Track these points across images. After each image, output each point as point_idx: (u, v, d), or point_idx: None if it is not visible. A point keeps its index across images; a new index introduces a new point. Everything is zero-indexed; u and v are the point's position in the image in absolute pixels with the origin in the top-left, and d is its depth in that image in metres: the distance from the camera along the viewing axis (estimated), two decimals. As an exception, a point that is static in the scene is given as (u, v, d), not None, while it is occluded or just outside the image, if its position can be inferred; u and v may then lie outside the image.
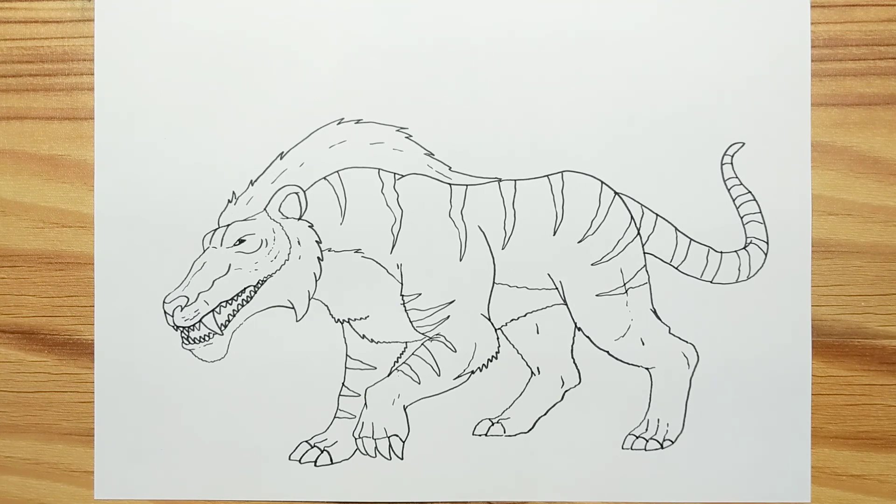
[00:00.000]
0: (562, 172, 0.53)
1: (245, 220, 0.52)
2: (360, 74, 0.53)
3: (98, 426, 0.54)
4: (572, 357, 0.53)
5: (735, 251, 0.52)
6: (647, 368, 0.53)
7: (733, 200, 0.52)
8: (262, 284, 0.52)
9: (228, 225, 0.52)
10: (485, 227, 0.53)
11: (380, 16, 0.53)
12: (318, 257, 0.52)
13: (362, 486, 0.54)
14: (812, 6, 0.52)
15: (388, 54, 0.53)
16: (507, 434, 0.53)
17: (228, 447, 0.53)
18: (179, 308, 0.51)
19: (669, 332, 0.53)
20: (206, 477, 0.54)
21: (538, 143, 0.53)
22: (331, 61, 0.53)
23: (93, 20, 0.54)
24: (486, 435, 0.53)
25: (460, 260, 0.52)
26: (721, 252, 0.52)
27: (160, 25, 0.53)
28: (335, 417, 0.53)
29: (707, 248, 0.53)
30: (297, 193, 0.52)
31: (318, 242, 0.53)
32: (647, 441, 0.53)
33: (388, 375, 0.53)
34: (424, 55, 0.53)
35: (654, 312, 0.53)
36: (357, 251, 0.53)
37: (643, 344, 0.53)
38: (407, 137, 0.53)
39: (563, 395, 0.53)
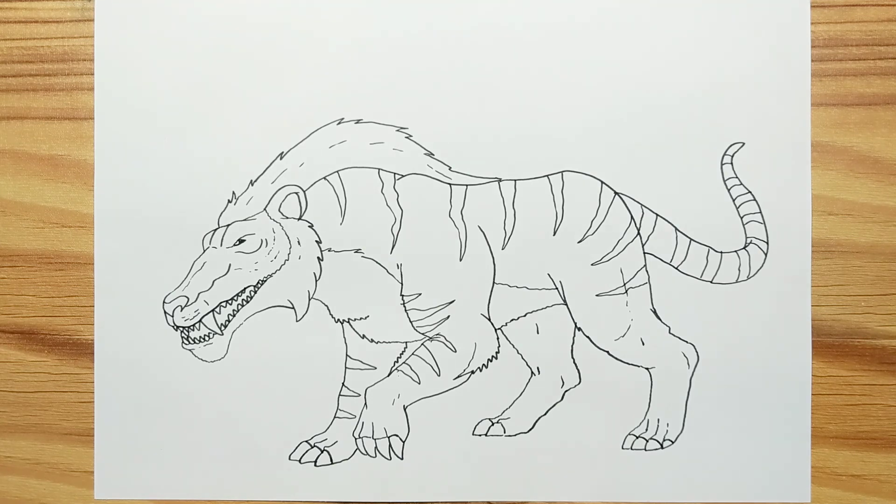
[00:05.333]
0: (562, 172, 0.53)
1: (245, 220, 0.52)
2: (361, 74, 0.53)
3: (98, 426, 0.54)
4: (572, 357, 0.53)
5: (735, 251, 0.52)
6: (647, 368, 0.53)
7: (733, 200, 0.52)
8: (262, 284, 0.52)
9: (228, 225, 0.52)
10: (485, 227, 0.53)
11: (380, 16, 0.53)
12: (318, 257, 0.53)
13: (362, 486, 0.54)
14: (812, 6, 0.52)
15: (388, 55, 0.53)
16: (507, 434, 0.53)
17: (228, 447, 0.54)
18: (179, 308, 0.51)
19: (669, 332, 0.53)
20: (206, 477, 0.54)
21: (538, 143, 0.53)
22: (331, 61, 0.53)
23: (93, 20, 0.54)
24: (486, 435, 0.53)
25: (460, 260, 0.52)
26: (721, 252, 0.52)
27: (160, 26, 0.53)
28: (335, 417, 0.53)
29: (707, 248, 0.53)
30: (297, 193, 0.52)
31: (318, 242, 0.53)
32: (647, 441, 0.53)
33: (388, 375, 0.53)
34: (425, 55, 0.53)
35: (654, 312, 0.53)
36: (357, 251, 0.53)
37: (643, 344, 0.53)
38: (407, 137, 0.53)
39: (563, 395, 0.53)
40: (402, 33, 0.53)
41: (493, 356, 0.53)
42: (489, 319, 0.53)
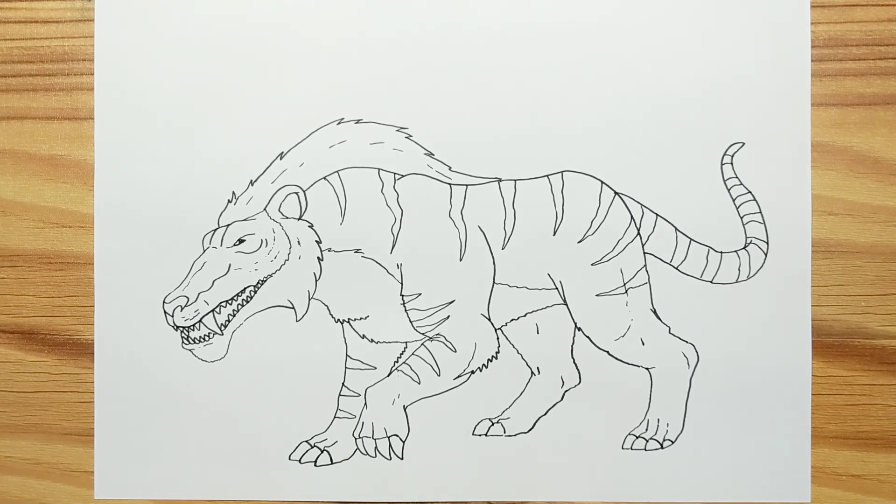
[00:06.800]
0: (562, 172, 0.53)
1: (245, 220, 0.52)
2: (361, 74, 0.53)
3: (98, 426, 0.54)
4: (572, 357, 0.53)
5: (735, 251, 0.52)
6: (647, 368, 0.53)
7: (733, 200, 0.52)
8: (262, 284, 0.52)
9: (228, 225, 0.52)
10: (485, 227, 0.53)
11: (380, 16, 0.53)
12: (318, 257, 0.53)
13: (362, 486, 0.54)
14: (812, 6, 0.52)
15: (388, 54, 0.53)
16: (507, 434, 0.53)
17: (228, 447, 0.54)
18: (179, 308, 0.51)
19: (669, 332, 0.53)
20: (206, 477, 0.54)
21: (538, 143, 0.53)
22: (331, 61, 0.53)
23: (93, 20, 0.54)
24: (486, 435, 0.53)
25: (460, 260, 0.52)
26: (721, 252, 0.52)
27: (160, 26, 0.53)
28: (335, 417, 0.53)
29: (707, 248, 0.53)
30: (297, 193, 0.52)
31: (318, 242, 0.53)
32: (647, 441, 0.53)
33: (388, 375, 0.53)
34: (425, 55, 0.53)
35: (654, 312, 0.53)
36: (357, 251, 0.53)
37: (643, 344, 0.53)
38: (407, 137, 0.53)
39: (563, 395, 0.53)
40: (401, 33, 0.53)
41: (493, 356, 0.53)
42: (489, 319, 0.53)
